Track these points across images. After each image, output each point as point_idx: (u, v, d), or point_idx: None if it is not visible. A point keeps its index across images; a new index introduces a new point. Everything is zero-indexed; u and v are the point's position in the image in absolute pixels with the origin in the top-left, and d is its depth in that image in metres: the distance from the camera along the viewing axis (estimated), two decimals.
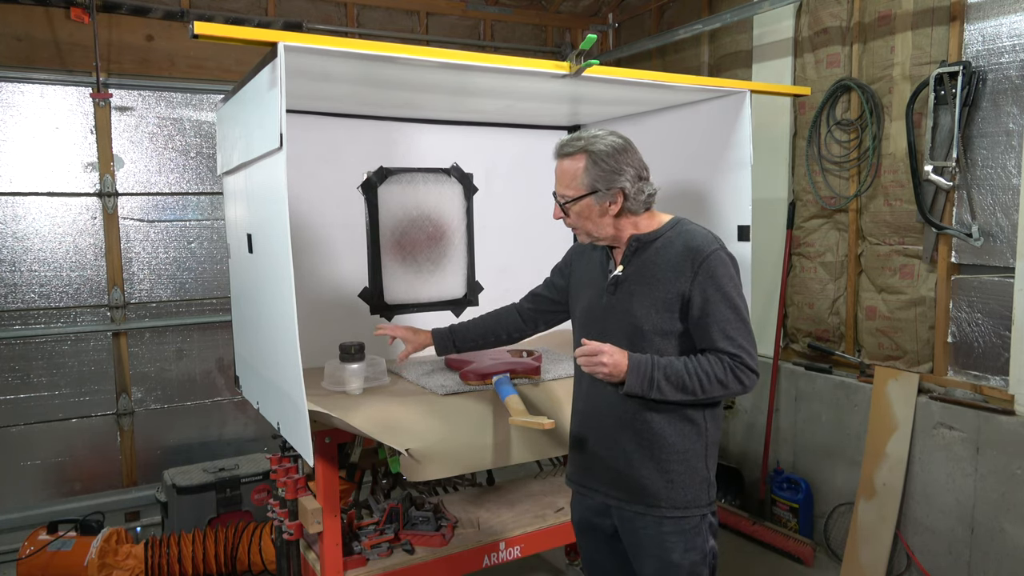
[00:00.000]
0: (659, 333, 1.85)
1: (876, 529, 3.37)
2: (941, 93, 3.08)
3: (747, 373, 1.81)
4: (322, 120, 2.99)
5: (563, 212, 1.95)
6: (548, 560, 3.72)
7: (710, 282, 1.82)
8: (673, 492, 1.88)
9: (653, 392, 1.80)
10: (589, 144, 1.89)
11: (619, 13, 5.23)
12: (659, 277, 1.87)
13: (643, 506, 1.90)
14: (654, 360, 1.81)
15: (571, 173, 1.90)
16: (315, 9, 4.43)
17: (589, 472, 2.03)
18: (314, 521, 2.32)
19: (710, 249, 1.84)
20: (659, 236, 1.92)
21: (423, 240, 3.26)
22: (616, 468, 1.94)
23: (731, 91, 2.70)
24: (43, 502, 3.85)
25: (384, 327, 2.55)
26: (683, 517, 1.88)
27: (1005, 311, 2.99)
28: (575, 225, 1.96)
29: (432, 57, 2.05)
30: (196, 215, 4.19)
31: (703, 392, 1.80)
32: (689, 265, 1.83)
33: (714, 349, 1.82)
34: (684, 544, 1.88)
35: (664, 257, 1.88)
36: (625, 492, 1.93)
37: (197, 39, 1.73)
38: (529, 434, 2.48)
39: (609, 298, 1.95)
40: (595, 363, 1.79)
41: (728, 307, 1.82)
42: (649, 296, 1.87)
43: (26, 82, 3.75)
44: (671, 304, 1.84)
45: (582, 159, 1.89)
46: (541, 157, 3.53)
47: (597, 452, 1.99)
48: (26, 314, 3.83)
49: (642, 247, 1.92)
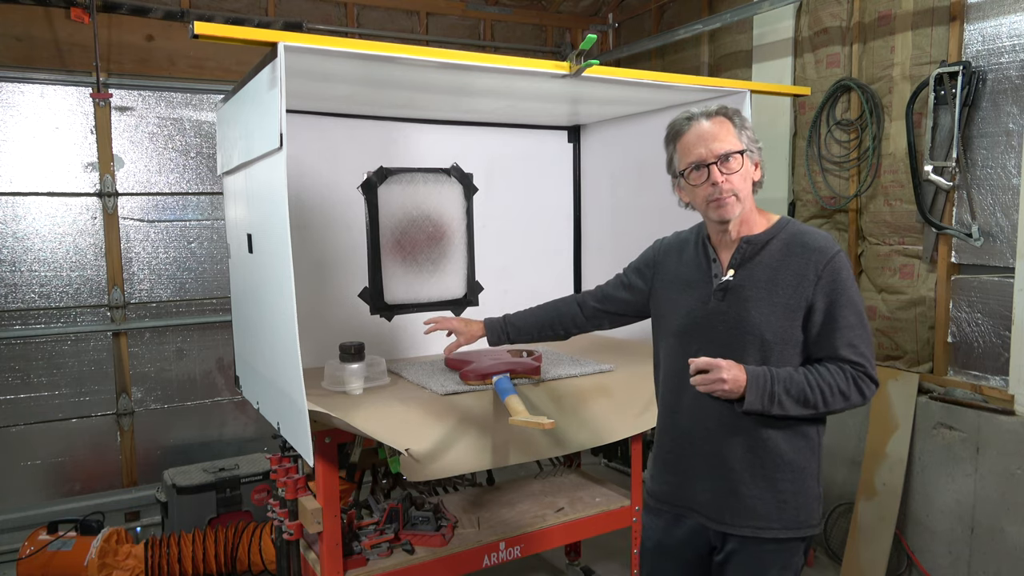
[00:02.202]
0: (782, 342, 1.73)
1: (876, 529, 3.37)
2: (941, 93, 3.08)
3: (868, 384, 1.72)
4: (322, 120, 2.99)
5: (720, 173, 1.73)
6: (548, 560, 3.72)
7: (835, 287, 1.71)
8: (785, 513, 1.76)
9: (775, 408, 1.68)
10: (726, 109, 1.79)
11: (619, 13, 5.23)
12: (779, 282, 1.74)
13: (752, 528, 1.77)
14: (773, 373, 1.69)
15: (724, 130, 1.75)
16: (315, 9, 4.43)
17: (686, 492, 1.87)
18: (314, 521, 2.32)
19: (833, 251, 1.73)
20: (772, 237, 1.79)
21: (423, 240, 3.26)
22: (724, 489, 1.79)
23: (731, 91, 2.70)
24: (43, 502, 3.85)
25: (436, 320, 2.48)
26: (790, 539, 1.77)
27: (1005, 311, 2.99)
28: (736, 190, 1.75)
29: (432, 57, 2.06)
30: (196, 215, 4.19)
31: (825, 405, 1.70)
32: (813, 269, 1.72)
33: (836, 358, 1.71)
34: (782, 563, 1.79)
35: (783, 259, 1.75)
36: (731, 513, 1.78)
37: (197, 39, 1.73)
38: (529, 434, 2.49)
39: (717, 304, 1.79)
40: (713, 380, 1.65)
41: (853, 313, 1.72)
42: (769, 302, 1.73)
43: (26, 82, 3.76)
44: (794, 311, 1.72)
45: (725, 121, 1.76)
46: (541, 157, 3.57)
47: (700, 472, 1.83)
48: (26, 314, 3.83)
49: (753, 248, 1.79)
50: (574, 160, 3.66)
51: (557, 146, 3.62)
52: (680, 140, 1.80)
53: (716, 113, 1.78)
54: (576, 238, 3.72)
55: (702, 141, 1.75)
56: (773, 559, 1.78)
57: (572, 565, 3.52)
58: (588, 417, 2.62)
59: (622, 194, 3.40)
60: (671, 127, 1.84)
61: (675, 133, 1.82)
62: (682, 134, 1.79)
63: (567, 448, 2.62)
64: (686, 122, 1.79)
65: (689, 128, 1.78)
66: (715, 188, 1.74)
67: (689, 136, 1.77)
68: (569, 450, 2.65)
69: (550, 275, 3.64)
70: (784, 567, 1.79)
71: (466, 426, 2.39)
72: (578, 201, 3.69)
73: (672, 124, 1.84)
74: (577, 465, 3.47)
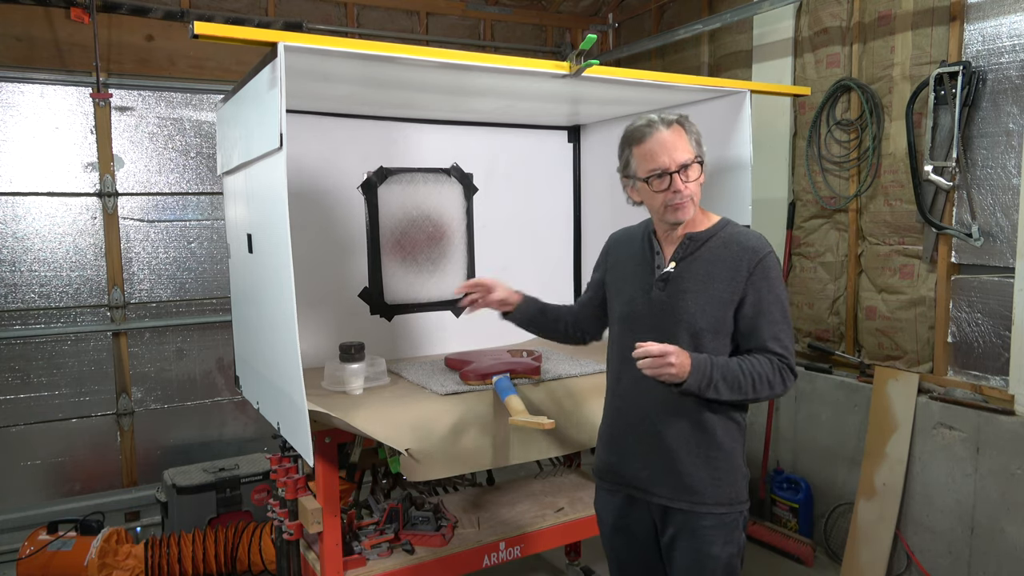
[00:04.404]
0: (713, 332, 1.86)
1: (876, 529, 3.37)
2: (941, 93, 3.08)
3: (789, 375, 1.86)
4: (322, 120, 2.99)
5: (681, 182, 1.85)
6: (548, 560, 3.72)
7: (764, 283, 1.85)
8: (719, 489, 1.89)
9: (710, 391, 1.80)
10: (681, 117, 1.90)
11: (619, 13, 5.23)
12: (715, 275, 1.87)
13: (688, 503, 1.90)
14: (713, 360, 1.81)
15: (682, 141, 1.87)
16: (315, 9, 4.43)
17: (627, 470, 2.00)
18: (314, 521, 2.32)
19: (765, 251, 1.88)
20: (713, 235, 1.92)
21: (423, 240, 3.26)
22: (661, 466, 1.92)
23: (731, 91, 2.70)
24: (43, 502, 3.85)
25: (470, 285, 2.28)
26: (726, 513, 1.90)
27: (1005, 311, 2.99)
28: (693, 195, 1.89)
29: (432, 57, 2.06)
30: (196, 215, 4.19)
31: (754, 392, 1.82)
32: (745, 265, 1.86)
33: (763, 349, 1.85)
34: (724, 537, 1.90)
35: (720, 256, 1.88)
36: (669, 489, 1.92)
37: (197, 39, 1.73)
38: (529, 434, 2.49)
39: (658, 294, 1.92)
40: (663, 364, 1.74)
41: (778, 309, 1.87)
42: (705, 294, 1.86)
43: (26, 82, 3.75)
44: (727, 303, 1.86)
45: (681, 130, 1.88)
46: (541, 157, 3.57)
47: (639, 450, 1.96)
48: (26, 314, 3.83)
49: (695, 244, 1.91)
50: (574, 160, 3.66)
51: (557, 146, 3.62)
52: (640, 146, 1.89)
53: (675, 122, 1.89)
54: (576, 238, 3.72)
55: (664, 150, 1.85)
56: (715, 535, 1.90)
57: (572, 565, 3.52)
58: (588, 417, 2.62)
59: (622, 194, 3.38)
60: (630, 131, 1.93)
61: (634, 138, 1.91)
62: (642, 140, 1.88)
63: (567, 448, 2.62)
64: (647, 128, 1.88)
65: (650, 135, 1.87)
66: (676, 195, 1.86)
67: (651, 144, 1.86)
68: (569, 450, 2.65)
69: (550, 275, 3.64)
70: (727, 542, 1.91)
71: (466, 426, 2.40)
72: (578, 201, 3.69)
73: (632, 129, 1.92)
74: (577, 465, 3.47)
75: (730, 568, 1.92)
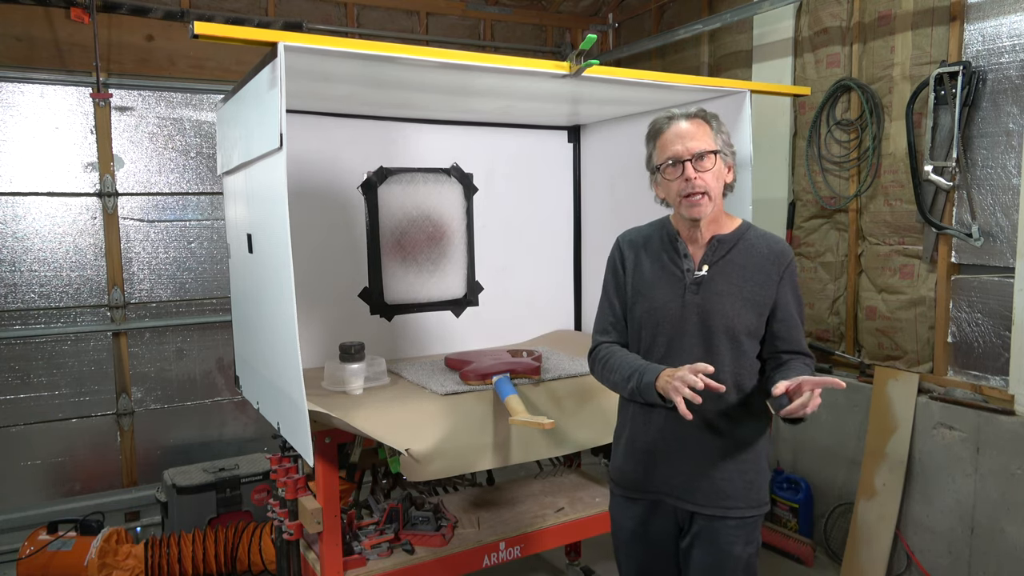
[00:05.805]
0: (749, 334, 1.88)
1: (876, 529, 3.37)
2: (941, 93, 3.08)
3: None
4: (322, 120, 2.99)
5: (693, 170, 1.82)
6: (548, 560, 3.72)
7: (791, 286, 1.91)
8: (750, 493, 1.91)
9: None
10: (704, 112, 1.90)
11: (619, 13, 5.23)
12: (747, 279, 1.88)
13: (722, 508, 1.90)
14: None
15: (701, 131, 1.86)
16: (315, 9, 4.43)
17: (656, 478, 1.96)
18: (314, 521, 2.32)
19: (791, 254, 1.93)
20: (739, 237, 1.93)
21: (423, 240, 3.26)
22: (698, 474, 1.90)
23: (731, 91, 2.70)
24: (43, 502, 3.85)
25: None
26: (751, 515, 1.92)
27: (1005, 311, 2.99)
28: (708, 188, 1.84)
29: (432, 57, 2.05)
30: (196, 215, 4.19)
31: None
32: (776, 268, 1.89)
33: (800, 352, 1.91)
34: (745, 538, 1.91)
35: (750, 259, 1.90)
36: (703, 495, 1.90)
37: (197, 39, 1.73)
38: (529, 434, 2.49)
39: (692, 297, 1.89)
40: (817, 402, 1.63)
41: (801, 312, 1.94)
42: (739, 297, 1.87)
43: (26, 82, 3.75)
44: (761, 305, 1.88)
45: (703, 123, 1.88)
46: (541, 157, 3.57)
47: (674, 458, 1.92)
48: (26, 314, 3.83)
49: (724, 247, 1.91)
50: (574, 160, 3.66)
51: (557, 146, 3.62)
52: (660, 138, 1.91)
53: (696, 115, 1.90)
54: (576, 238, 3.72)
55: (679, 139, 1.86)
56: (737, 536, 1.90)
57: (572, 565, 3.52)
58: (588, 417, 2.62)
59: (622, 194, 3.40)
60: (652, 125, 1.95)
61: (656, 131, 1.92)
62: (662, 132, 1.90)
63: (567, 448, 2.62)
64: (667, 121, 1.90)
65: (669, 127, 1.89)
66: (688, 184, 1.84)
67: (668, 134, 1.88)
68: (569, 450, 2.65)
69: (550, 275, 3.64)
70: (748, 542, 1.92)
71: (466, 426, 2.39)
72: (578, 201, 3.69)
73: (653, 122, 1.95)
74: (577, 465, 3.47)
75: (749, 567, 1.93)
